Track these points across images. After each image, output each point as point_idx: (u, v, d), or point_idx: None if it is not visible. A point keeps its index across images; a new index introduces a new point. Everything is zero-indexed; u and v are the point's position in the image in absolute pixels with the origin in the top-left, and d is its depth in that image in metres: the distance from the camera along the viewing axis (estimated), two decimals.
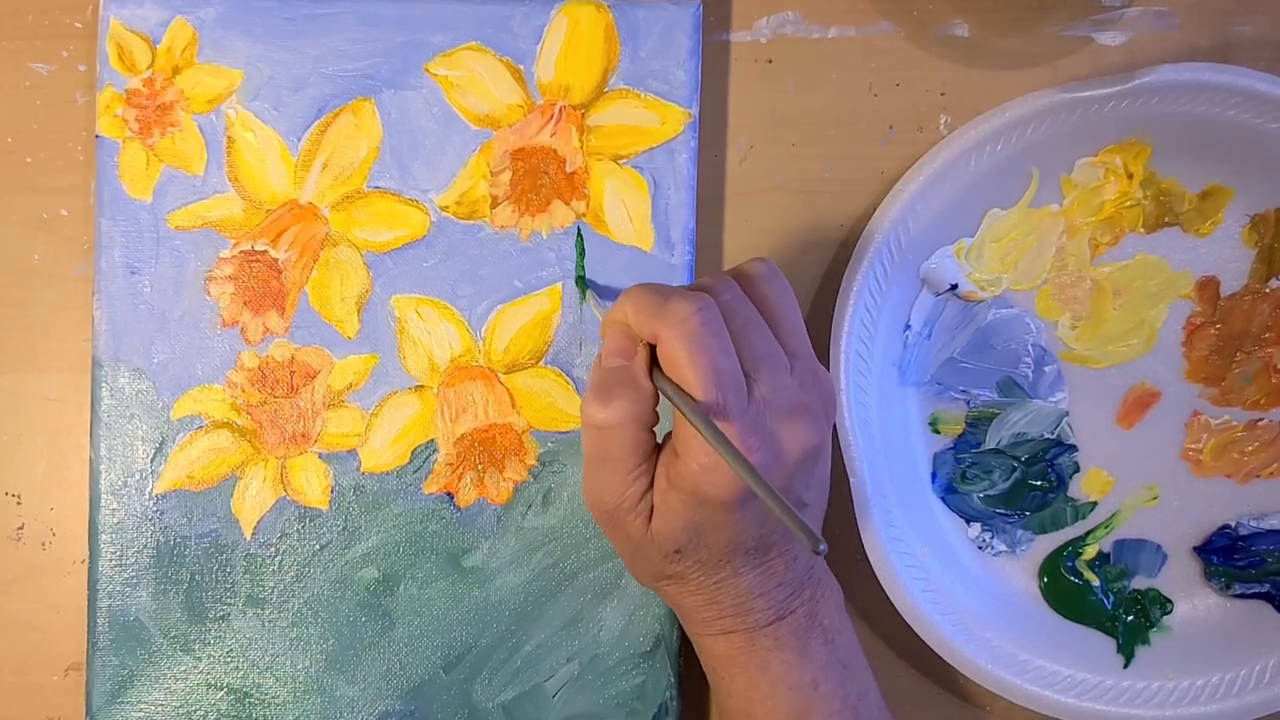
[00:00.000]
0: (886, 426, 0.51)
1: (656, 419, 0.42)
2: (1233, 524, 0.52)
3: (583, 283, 0.50)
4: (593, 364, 0.42)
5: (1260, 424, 0.52)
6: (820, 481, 0.44)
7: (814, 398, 0.42)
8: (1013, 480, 0.52)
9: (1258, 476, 0.52)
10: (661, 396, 0.41)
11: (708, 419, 0.38)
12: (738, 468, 0.37)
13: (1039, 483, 0.52)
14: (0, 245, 0.52)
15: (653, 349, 0.41)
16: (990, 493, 0.52)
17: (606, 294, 0.50)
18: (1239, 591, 0.52)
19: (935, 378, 0.52)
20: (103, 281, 0.50)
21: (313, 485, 0.50)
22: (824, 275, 0.52)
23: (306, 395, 0.50)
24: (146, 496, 0.50)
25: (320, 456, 0.50)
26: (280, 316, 0.50)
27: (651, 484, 0.42)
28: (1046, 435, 0.52)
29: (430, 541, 0.50)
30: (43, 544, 0.52)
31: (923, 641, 0.50)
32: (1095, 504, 0.52)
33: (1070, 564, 0.52)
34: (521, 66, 0.50)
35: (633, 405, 0.40)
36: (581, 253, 0.50)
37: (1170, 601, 0.52)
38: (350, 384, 0.50)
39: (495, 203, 0.50)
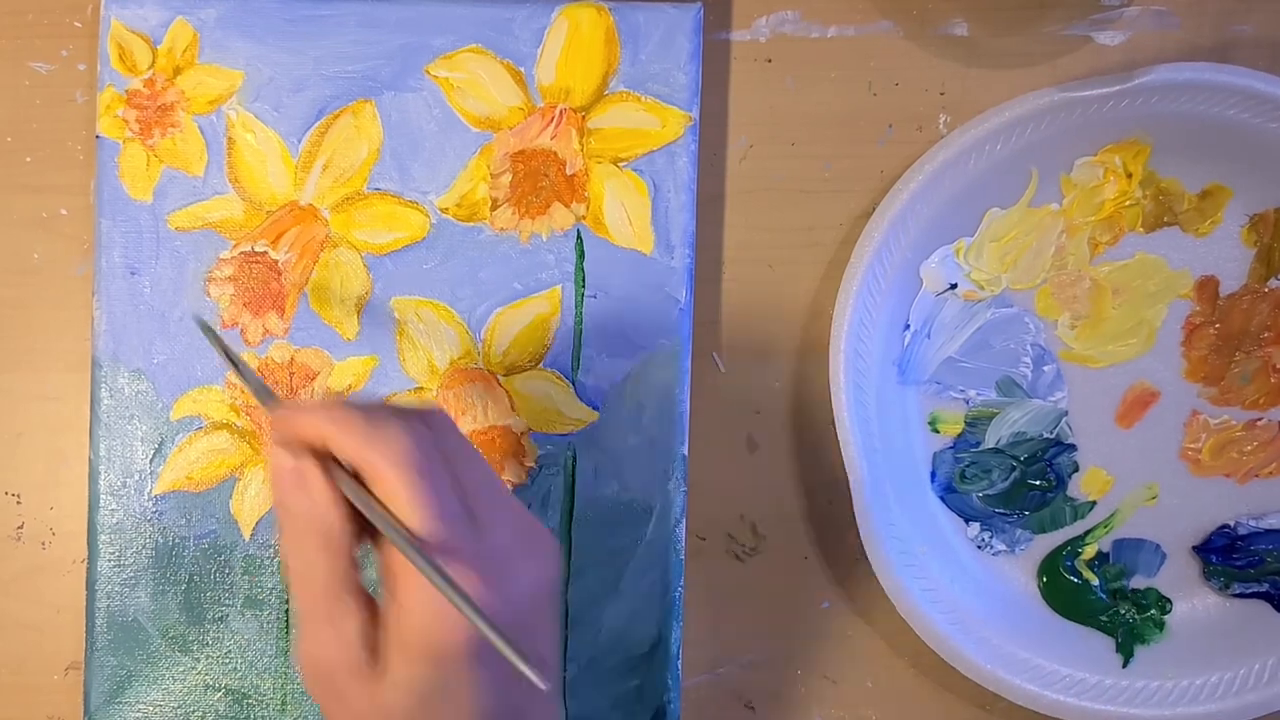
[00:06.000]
0: (886, 426, 0.51)
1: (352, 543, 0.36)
2: (1231, 523, 0.52)
3: (206, 328, 0.45)
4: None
5: (1259, 423, 0.52)
6: (553, 633, 0.39)
7: (538, 533, 0.38)
8: (1012, 480, 0.52)
9: (1256, 476, 0.52)
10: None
11: (424, 553, 0.34)
12: (456, 601, 0.33)
13: (1038, 482, 0.52)
14: (0, 244, 0.52)
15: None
16: (989, 492, 0.52)
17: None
18: (1238, 591, 0.52)
19: (934, 377, 0.52)
20: (102, 282, 0.50)
21: None
22: (824, 275, 0.52)
23: (306, 397, 0.50)
24: (145, 497, 0.50)
25: None
26: (280, 318, 0.50)
27: (369, 646, 0.36)
28: (1046, 435, 0.52)
29: None
30: (42, 543, 0.52)
31: (923, 641, 0.50)
32: (1094, 503, 0.52)
33: (1069, 563, 0.52)
34: (522, 69, 0.50)
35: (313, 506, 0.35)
36: (581, 254, 0.50)
37: (1169, 601, 0.52)
38: (350, 386, 0.50)
39: (495, 205, 0.50)
